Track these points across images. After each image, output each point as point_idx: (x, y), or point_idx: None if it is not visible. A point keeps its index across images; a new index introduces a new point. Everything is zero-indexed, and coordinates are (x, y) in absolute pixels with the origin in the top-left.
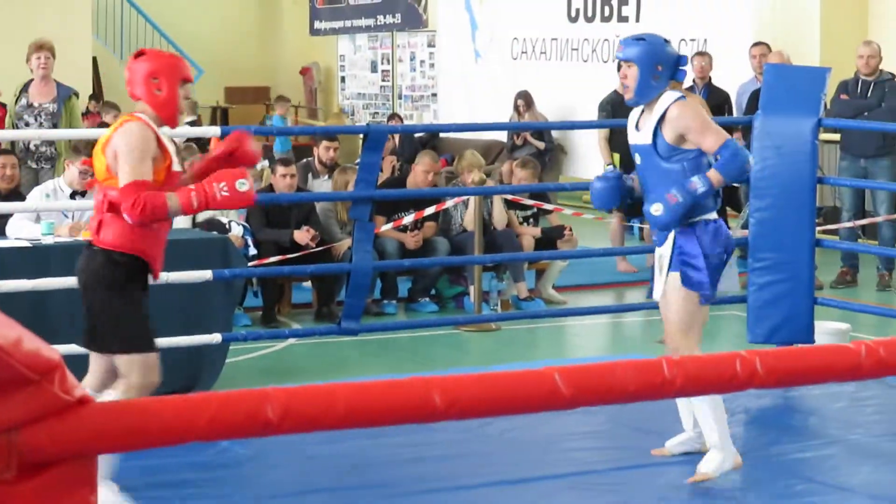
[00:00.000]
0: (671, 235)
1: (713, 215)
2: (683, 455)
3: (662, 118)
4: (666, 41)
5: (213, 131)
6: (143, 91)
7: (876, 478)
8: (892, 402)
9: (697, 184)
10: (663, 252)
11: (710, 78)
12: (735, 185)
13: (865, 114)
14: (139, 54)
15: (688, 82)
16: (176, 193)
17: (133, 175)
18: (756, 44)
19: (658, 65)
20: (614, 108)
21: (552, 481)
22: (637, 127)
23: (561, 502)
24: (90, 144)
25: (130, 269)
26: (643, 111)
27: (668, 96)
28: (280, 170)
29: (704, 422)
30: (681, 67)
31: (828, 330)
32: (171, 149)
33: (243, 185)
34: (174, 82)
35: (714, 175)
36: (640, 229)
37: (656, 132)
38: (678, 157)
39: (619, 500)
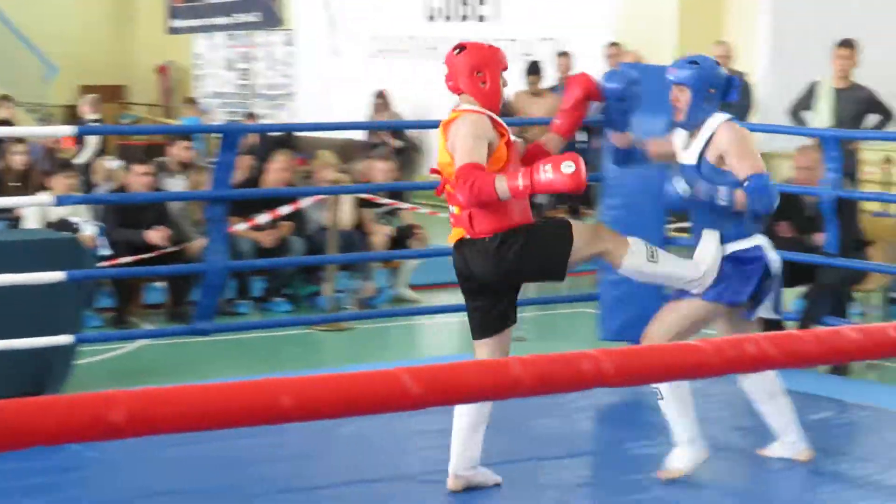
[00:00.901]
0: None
1: (748, 242)
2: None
3: (710, 140)
4: (716, 63)
5: (65, 131)
6: (467, 84)
7: (723, 471)
8: (738, 397)
9: (722, 192)
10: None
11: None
12: (591, 183)
13: None
14: (460, 48)
15: (551, 82)
16: (505, 175)
17: (466, 158)
18: (610, 44)
19: (710, 88)
20: None
21: (405, 481)
22: (684, 148)
23: (413, 501)
24: None
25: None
26: (691, 133)
27: (717, 118)
28: (136, 168)
29: (669, 417)
30: (732, 88)
31: None
32: (508, 129)
33: (569, 168)
34: (496, 73)
35: (739, 195)
36: None
37: (702, 154)
38: (720, 181)
39: (469, 498)
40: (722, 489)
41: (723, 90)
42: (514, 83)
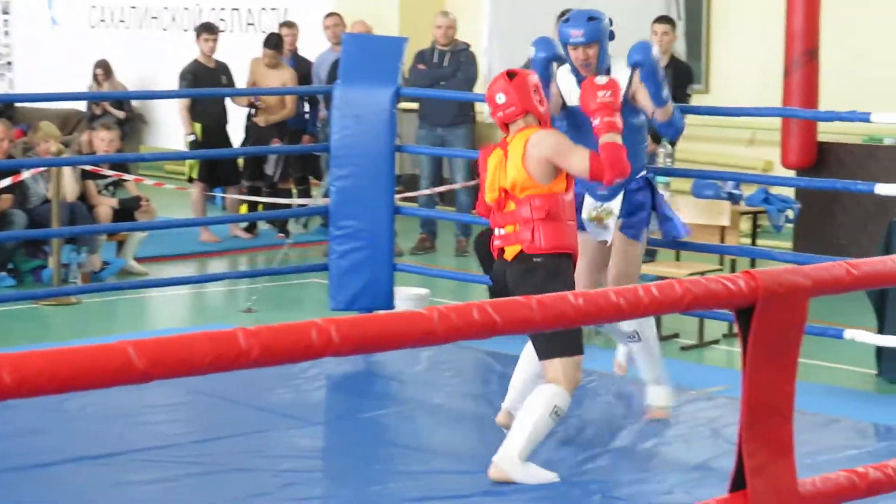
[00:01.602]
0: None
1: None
2: (280, 428)
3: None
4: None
5: None
6: (531, 105)
7: (455, 437)
8: (467, 364)
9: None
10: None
11: (296, 48)
12: (316, 153)
13: (442, 83)
14: (512, 74)
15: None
16: (606, 134)
17: (582, 152)
18: (329, 14)
19: (610, 34)
20: (196, 78)
21: (133, 455)
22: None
23: (142, 477)
24: None
25: (566, 265)
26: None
27: (620, 61)
28: None
29: (643, 360)
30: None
31: (408, 296)
32: None
33: (602, 80)
34: (543, 94)
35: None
36: (223, 199)
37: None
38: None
39: (200, 471)
40: (454, 456)
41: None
42: (253, 52)
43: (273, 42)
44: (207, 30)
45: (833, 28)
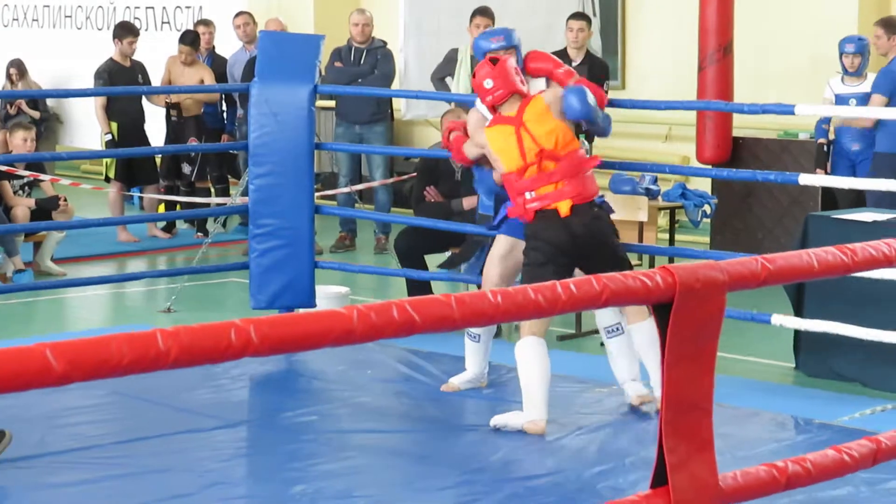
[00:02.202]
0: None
1: None
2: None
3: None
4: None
5: None
6: (516, 87)
7: (378, 436)
8: (389, 362)
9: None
10: None
11: (213, 47)
12: (234, 152)
13: (359, 80)
14: (496, 60)
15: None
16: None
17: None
18: (238, 13)
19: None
20: (111, 77)
21: (54, 457)
22: None
23: (64, 479)
24: None
25: None
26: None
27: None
28: None
29: (618, 356)
30: None
31: (328, 294)
32: None
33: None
34: (521, 75)
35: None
36: (141, 198)
37: None
38: None
39: (122, 472)
40: (378, 454)
41: None
42: (169, 51)
43: (189, 38)
44: (131, 32)
45: (745, 23)
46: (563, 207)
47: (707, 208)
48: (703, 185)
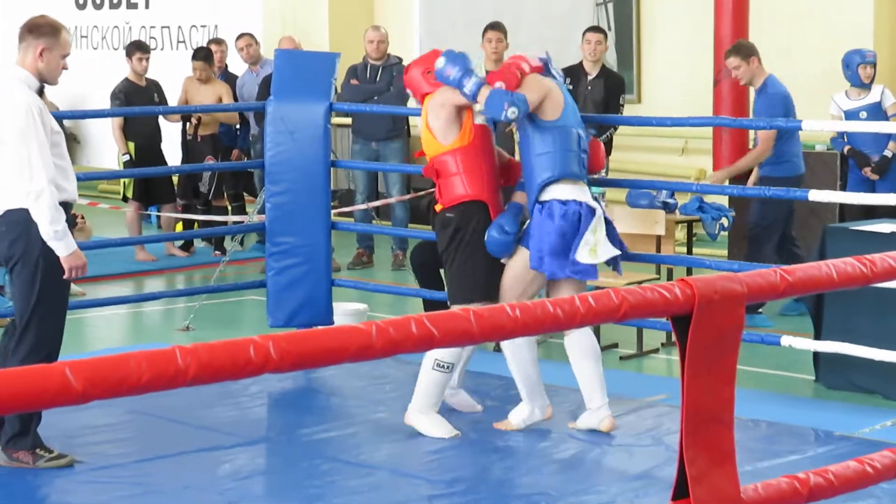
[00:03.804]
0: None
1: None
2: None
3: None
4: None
5: None
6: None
7: (397, 453)
8: (407, 378)
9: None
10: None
11: (226, 65)
12: (251, 170)
13: (375, 98)
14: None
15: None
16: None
17: None
18: (240, 35)
19: None
20: (128, 97)
21: (74, 476)
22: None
23: (84, 499)
24: None
25: None
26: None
27: None
28: None
29: (514, 375)
30: None
31: (346, 311)
32: None
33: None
34: None
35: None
36: (158, 217)
37: None
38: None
39: (142, 491)
40: (396, 470)
41: None
42: (184, 70)
43: (202, 54)
44: (139, 48)
45: (760, 36)
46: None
47: (724, 221)
48: (720, 197)
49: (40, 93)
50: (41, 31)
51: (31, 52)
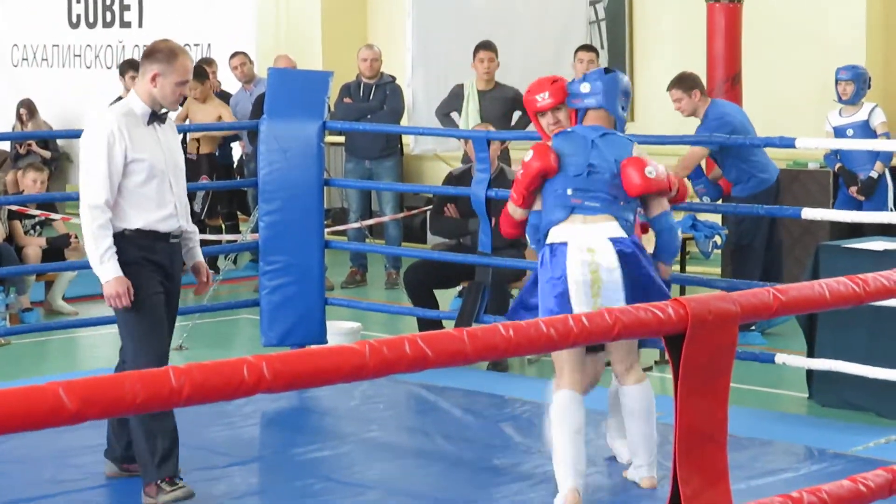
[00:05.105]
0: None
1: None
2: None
3: None
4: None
5: None
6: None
7: (390, 472)
8: (401, 397)
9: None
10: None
11: (219, 83)
12: (244, 189)
13: (369, 116)
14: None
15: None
16: None
17: None
18: (234, 54)
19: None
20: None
21: (67, 497)
22: None
23: None
24: None
25: None
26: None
27: None
28: None
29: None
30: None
31: (340, 330)
32: None
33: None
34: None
35: None
36: None
37: None
38: None
39: None
40: (390, 490)
41: None
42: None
43: (196, 73)
44: (133, 67)
45: (753, 52)
46: None
47: (718, 239)
48: (713, 215)
49: (153, 119)
50: (156, 56)
51: (145, 77)
